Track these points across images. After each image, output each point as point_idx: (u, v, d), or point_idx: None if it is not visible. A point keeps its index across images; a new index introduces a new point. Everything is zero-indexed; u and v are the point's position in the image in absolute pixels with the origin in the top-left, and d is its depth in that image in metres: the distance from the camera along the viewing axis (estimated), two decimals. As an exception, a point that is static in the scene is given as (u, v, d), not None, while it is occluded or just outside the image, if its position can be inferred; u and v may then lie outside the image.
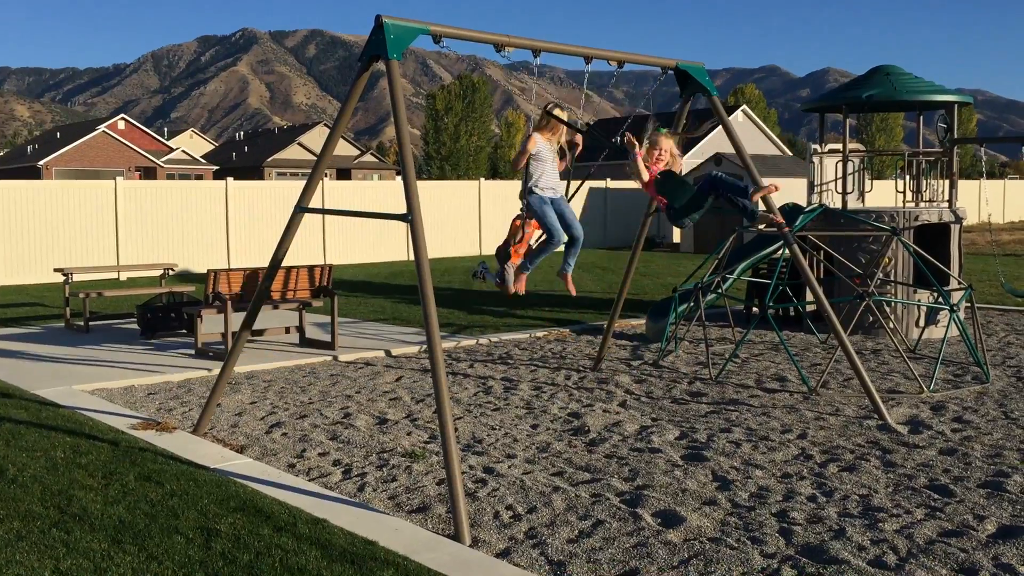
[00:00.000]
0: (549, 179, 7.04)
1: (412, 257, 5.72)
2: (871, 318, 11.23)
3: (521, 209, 7.14)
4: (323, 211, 7.09)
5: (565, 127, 7.09)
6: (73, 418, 7.32)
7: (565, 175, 7.37)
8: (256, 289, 7.64)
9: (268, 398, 8.31)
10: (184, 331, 11.80)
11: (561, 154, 7.22)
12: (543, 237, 7.20)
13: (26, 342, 11.34)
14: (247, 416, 7.64)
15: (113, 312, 13.78)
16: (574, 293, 7.83)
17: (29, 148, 76.56)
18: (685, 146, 7.15)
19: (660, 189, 6.97)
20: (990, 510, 5.27)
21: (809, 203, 12.89)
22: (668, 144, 6.94)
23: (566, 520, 5.14)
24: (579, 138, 7.42)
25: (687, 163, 40.72)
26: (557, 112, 7.07)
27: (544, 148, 7.00)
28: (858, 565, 4.51)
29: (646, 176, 6.92)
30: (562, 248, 7.26)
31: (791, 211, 11.87)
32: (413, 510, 5.35)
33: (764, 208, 7.61)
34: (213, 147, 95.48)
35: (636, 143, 6.80)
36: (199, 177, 66.25)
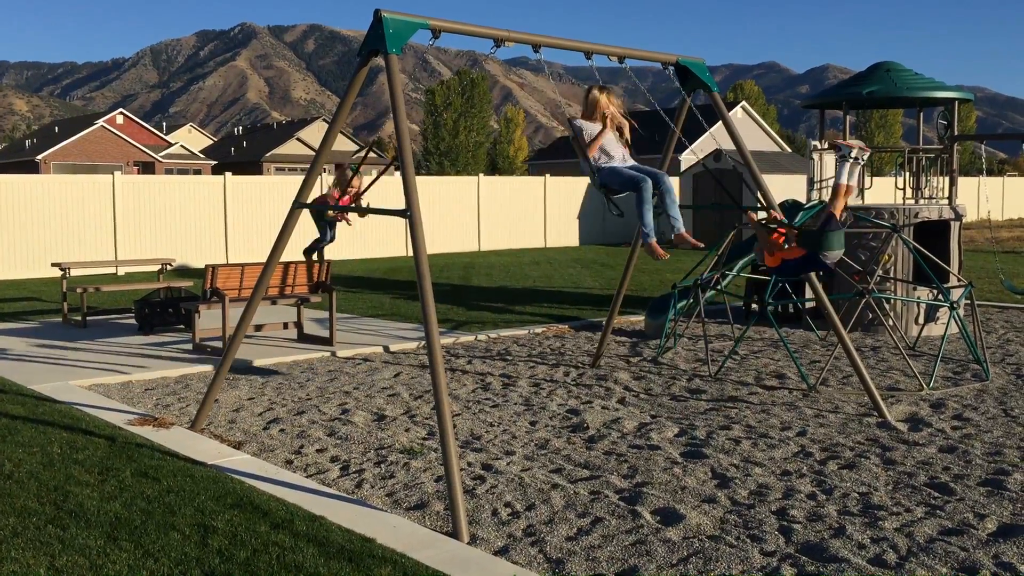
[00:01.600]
0: (612, 149, 6.91)
1: (411, 253, 5.69)
2: (870, 315, 11.21)
3: (599, 188, 6.94)
4: (322, 206, 7.06)
5: (607, 103, 6.98)
6: (70, 414, 7.29)
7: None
8: (254, 285, 7.61)
9: (266, 394, 8.28)
10: (182, 326, 11.78)
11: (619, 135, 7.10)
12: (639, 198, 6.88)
13: (23, 337, 11.31)
14: (245, 412, 7.61)
15: (111, 307, 13.75)
16: (698, 244, 7.33)
17: (27, 142, 76.47)
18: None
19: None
20: (990, 508, 5.25)
21: (809, 200, 12.86)
22: (358, 183, 7.06)
23: (565, 518, 5.12)
24: (626, 124, 7.30)
25: (685, 159, 40.70)
26: (595, 92, 6.98)
27: (592, 127, 6.92)
28: (858, 563, 4.49)
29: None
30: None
31: (791, 207, 11.84)
32: (411, 507, 5.33)
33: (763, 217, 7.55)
34: (212, 142, 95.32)
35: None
36: (197, 172, 66.15)
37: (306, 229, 23.14)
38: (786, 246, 7.24)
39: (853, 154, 6.96)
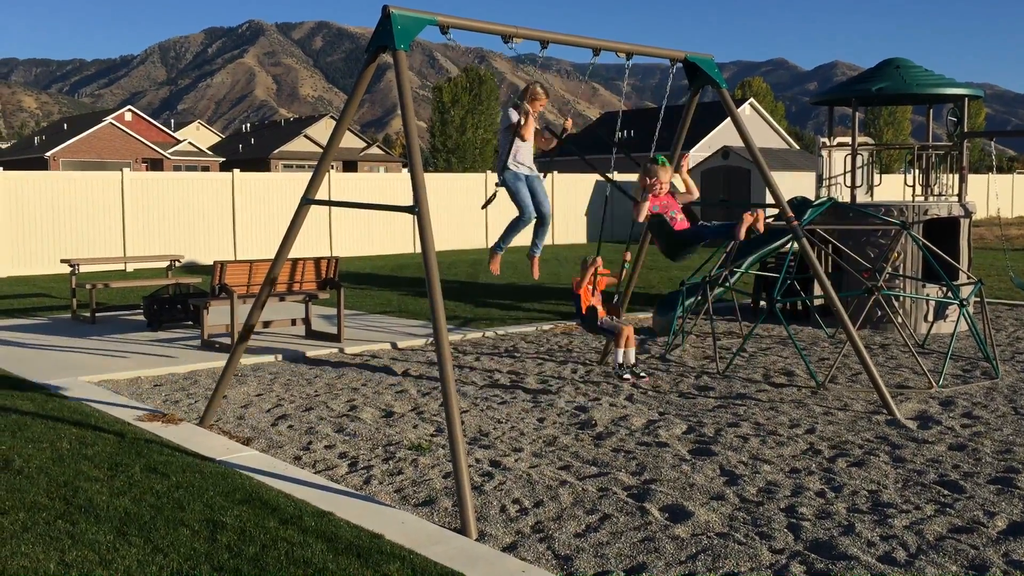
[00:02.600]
0: (524, 156, 7.16)
1: (419, 249, 5.70)
2: (880, 313, 11.17)
3: (497, 184, 7.20)
4: (329, 203, 7.06)
5: (542, 102, 7.11)
6: (79, 409, 7.31)
7: (548, 156, 7.60)
8: (262, 281, 7.62)
9: (274, 390, 8.30)
10: (190, 323, 11.80)
11: (542, 133, 7.37)
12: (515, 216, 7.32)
13: (33, 333, 11.35)
14: (253, 408, 7.63)
15: (119, 303, 13.79)
16: (536, 276, 7.87)
17: (36, 139, 76.69)
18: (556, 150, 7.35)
19: (653, 230, 7.40)
20: (1000, 506, 5.23)
21: (817, 197, 12.82)
22: (666, 176, 7.17)
23: (573, 514, 5.12)
24: (569, 123, 7.46)
25: (695, 156, 40.65)
26: (537, 88, 7.12)
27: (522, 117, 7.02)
28: (867, 561, 4.47)
29: (643, 212, 7.18)
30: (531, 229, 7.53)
31: (800, 205, 11.82)
32: (419, 503, 5.33)
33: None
34: (220, 139, 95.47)
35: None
36: (205, 169, 66.27)
37: (313, 225, 23.23)
38: (591, 290, 7.92)
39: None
